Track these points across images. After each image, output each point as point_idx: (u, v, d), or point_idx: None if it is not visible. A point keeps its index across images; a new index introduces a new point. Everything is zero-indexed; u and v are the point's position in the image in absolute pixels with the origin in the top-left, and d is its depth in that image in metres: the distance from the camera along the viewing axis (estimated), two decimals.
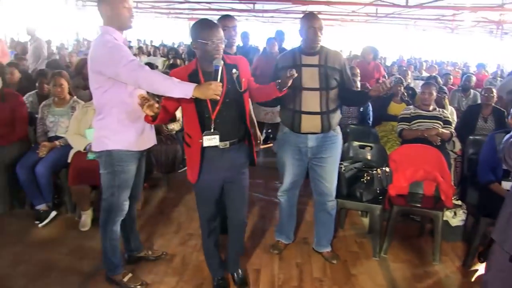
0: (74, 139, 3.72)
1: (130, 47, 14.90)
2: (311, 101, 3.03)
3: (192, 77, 2.44)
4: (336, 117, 3.16)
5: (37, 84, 4.56)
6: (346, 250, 3.57)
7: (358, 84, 5.58)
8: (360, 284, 3.11)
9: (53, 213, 3.83)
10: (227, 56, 2.54)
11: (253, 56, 6.58)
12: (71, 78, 4.27)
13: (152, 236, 3.63)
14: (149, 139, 2.79)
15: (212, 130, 2.48)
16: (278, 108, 5.59)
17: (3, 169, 3.84)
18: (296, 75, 2.51)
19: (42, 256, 3.25)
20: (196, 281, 3.02)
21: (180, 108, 2.61)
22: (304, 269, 3.26)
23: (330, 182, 3.23)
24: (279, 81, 2.57)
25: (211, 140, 2.49)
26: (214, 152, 2.55)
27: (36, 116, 4.13)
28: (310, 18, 3.03)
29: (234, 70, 2.51)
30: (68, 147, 3.81)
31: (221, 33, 2.44)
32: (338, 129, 3.22)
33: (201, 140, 2.49)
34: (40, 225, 3.71)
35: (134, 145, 2.66)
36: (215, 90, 2.30)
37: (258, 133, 3.69)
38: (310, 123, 3.06)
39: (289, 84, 2.55)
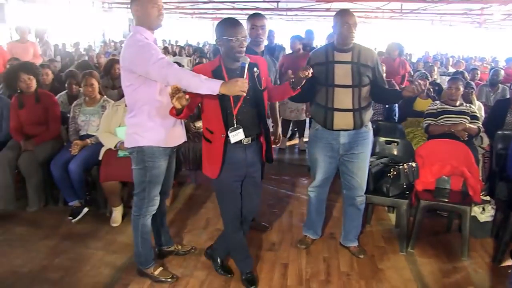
0: (105, 137, 3.83)
1: None
2: (343, 98, 3.04)
3: (216, 73, 2.52)
4: (368, 113, 3.18)
5: (66, 85, 4.70)
6: (373, 245, 3.58)
7: None
8: (387, 278, 3.12)
9: (85, 209, 3.94)
10: (248, 55, 2.60)
11: (278, 54, 6.61)
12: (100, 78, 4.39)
13: (181, 231, 3.71)
14: (179, 136, 2.85)
15: (235, 126, 2.56)
16: (303, 105, 5.64)
17: (38, 167, 3.98)
18: (310, 75, 2.56)
19: (76, 250, 3.36)
20: (225, 275, 3.07)
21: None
22: (331, 263, 3.29)
23: (361, 177, 3.24)
24: (293, 80, 2.62)
25: (237, 135, 2.57)
26: (237, 148, 2.62)
27: (68, 115, 4.27)
28: (344, 14, 3.01)
29: (255, 69, 2.58)
30: (99, 145, 3.92)
31: (245, 31, 2.55)
32: (369, 125, 3.23)
33: (223, 135, 2.56)
34: (73, 220, 3.83)
35: (165, 141, 2.72)
36: (241, 86, 2.35)
37: (280, 130, 3.71)
38: (342, 120, 3.08)
39: (302, 83, 2.61)
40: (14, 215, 3.90)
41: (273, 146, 3.67)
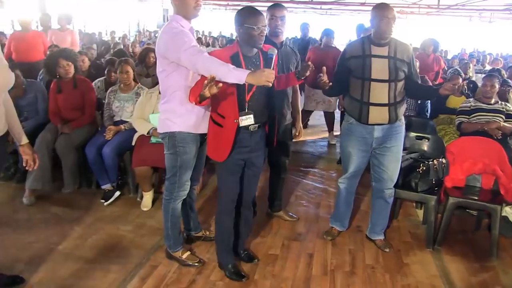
0: (138, 123, 3.93)
1: None
2: (379, 92, 3.03)
3: (234, 59, 2.56)
4: (403, 108, 3.17)
5: (106, 72, 4.83)
6: (400, 240, 3.57)
7: None
8: (412, 273, 3.11)
9: (117, 193, 4.07)
10: (268, 46, 2.64)
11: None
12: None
13: (209, 218, 3.77)
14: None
15: (246, 110, 2.61)
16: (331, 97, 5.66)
17: (73, 150, 4.12)
18: (313, 68, 2.62)
19: (108, 232, 3.48)
20: (248, 264, 3.11)
21: None
22: (356, 255, 3.31)
23: (392, 170, 3.23)
24: (299, 70, 2.68)
25: (246, 120, 2.62)
26: (244, 133, 2.67)
27: (103, 101, 4.40)
28: (384, 8, 2.97)
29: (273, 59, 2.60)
30: (132, 131, 4.03)
31: (265, 20, 2.60)
32: (402, 119, 3.21)
33: (236, 121, 2.61)
34: (105, 203, 3.96)
35: (195, 127, 2.77)
36: (267, 77, 2.38)
37: (301, 124, 3.69)
38: (378, 115, 3.07)
39: (307, 74, 2.66)
40: (50, 196, 4.06)
41: (295, 139, 3.72)
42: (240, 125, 2.63)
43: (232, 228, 2.93)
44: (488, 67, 9.93)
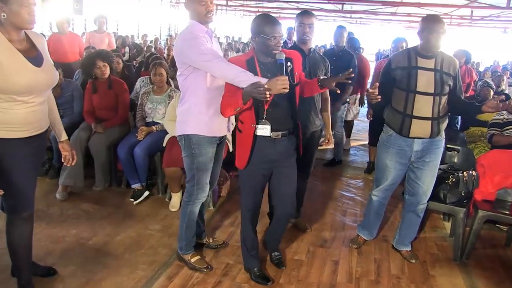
0: (169, 125, 4.00)
1: (220, 43, 15.47)
2: (424, 106, 2.97)
3: (249, 64, 2.60)
4: (445, 122, 3.11)
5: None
6: (426, 251, 3.54)
7: None
8: (438, 285, 3.08)
9: (146, 193, 4.15)
10: (283, 49, 2.63)
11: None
12: None
13: (235, 221, 3.81)
14: (225, 127, 2.92)
15: (264, 120, 2.61)
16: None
17: (105, 149, 4.23)
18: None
19: (136, 230, 3.56)
20: (274, 268, 3.14)
21: None
22: (382, 265, 3.29)
23: (428, 185, 3.19)
24: (322, 78, 2.67)
25: (263, 130, 2.62)
26: (267, 141, 2.67)
27: (136, 102, 4.50)
28: (434, 22, 2.89)
29: (288, 64, 2.60)
30: (164, 132, 4.11)
31: (281, 29, 2.59)
32: (443, 133, 3.15)
33: (253, 125, 2.63)
34: (134, 202, 4.05)
35: (209, 130, 2.79)
36: (282, 84, 2.39)
37: (330, 132, 3.64)
38: (420, 128, 3.01)
39: (327, 87, 2.67)
40: (81, 193, 4.18)
41: (325, 146, 3.71)
42: (257, 133, 2.64)
43: (253, 235, 2.95)
44: None
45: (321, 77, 2.72)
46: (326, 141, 3.61)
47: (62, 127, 2.72)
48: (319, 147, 3.74)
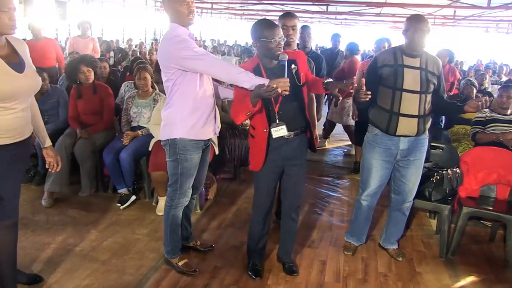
0: (155, 129, 3.99)
1: (205, 47, 15.46)
2: (411, 104, 3.00)
3: (256, 71, 2.62)
4: (430, 121, 3.16)
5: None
6: (413, 249, 3.57)
7: None
8: (425, 282, 3.11)
9: (133, 197, 4.13)
10: (287, 51, 2.68)
11: (340, 60, 6.42)
12: None
13: (222, 224, 3.83)
14: (211, 130, 2.92)
15: (277, 122, 2.65)
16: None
17: (91, 154, 4.21)
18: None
19: (124, 235, 3.54)
20: (266, 267, 3.15)
21: None
22: (369, 263, 3.32)
23: (413, 183, 3.22)
24: (327, 81, 2.72)
25: (279, 131, 2.66)
26: (279, 142, 2.72)
27: (121, 107, 4.49)
28: (419, 20, 2.94)
29: (293, 66, 2.65)
30: (149, 136, 4.10)
31: (281, 31, 2.64)
32: (427, 132, 3.20)
33: (266, 130, 2.67)
34: (121, 207, 4.03)
35: (196, 134, 2.79)
36: (283, 86, 2.43)
37: (316, 133, 3.60)
38: (406, 126, 3.04)
39: (333, 92, 2.70)
40: (67, 199, 4.14)
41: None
42: (274, 136, 2.67)
43: (260, 234, 3.00)
44: (504, 78, 9.88)
45: (326, 80, 2.75)
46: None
47: (46, 133, 2.70)
48: None
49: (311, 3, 15.12)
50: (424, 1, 12.07)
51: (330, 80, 2.85)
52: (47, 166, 2.72)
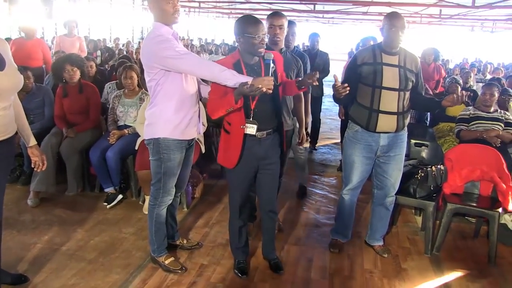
0: (141, 128, 3.94)
1: (192, 45, 15.42)
2: (390, 101, 3.05)
3: (236, 67, 2.64)
4: (408, 117, 3.22)
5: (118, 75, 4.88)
6: (398, 245, 3.61)
7: None
8: (410, 278, 3.15)
9: (120, 196, 4.12)
10: (266, 51, 2.70)
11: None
12: None
13: (209, 222, 3.83)
14: (195, 130, 2.92)
15: (251, 119, 2.68)
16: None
17: (77, 153, 4.19)
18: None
19: (110, 234, 3.53)
20: (253, 264, 3.18)
21: None
22: (355, 260, 3.35)
23: (395, 178, 3.27)
24: (300, 79, 2.75)
25: (250, 129, 2.70)
26: (253, 141, 2.74)
27: (108, 106, 4.47)
28: (392, 18, 3.00)
29: (272, 65, 2.66)
30: (136, 135, 4.09)
31: (265, 28, 2.67)
32: (406, 128, 3.26)
33: (243, 127, 2.68)
34: (108, 206, 4.02)
35: (179, 134, 2.80)
36: (267, 85, 2.46)
37: (303, 131, 3.66)
38: (386, 123, 3.09)
39: (306, 86, 2.75)
40: (54, 198, 4.12)
41: (300, 146, 3.77)
42: (245, 132, 2.70)
43: (239, 231, 3.01)
44: (489, 76, 10.00)
45: (299, 79, 2.78)
46: (299, 141, 3.66)
47: (31, 132, 2.68)
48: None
49: (298, 2, 15.19)
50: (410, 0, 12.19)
51: (299, 78, 2.89)
52: (32, 165, 2.71)
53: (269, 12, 3.52)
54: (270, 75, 2.57)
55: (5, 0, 12.21)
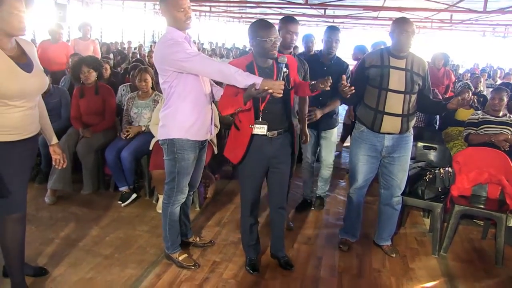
0: (155, 129, 4.08)
1: (203, 49, 15.56)
2: (395, 103, 3.14)
3: (249, 69, 2.72)
4: (414, 120, 3.31)
5: (131, 77, 5.02)
6: (406, 246, 3.67)
7: None
8: (417, 277, 3.21)
9: (134, 195, 4.23)
10: (280, 54, 2.80)
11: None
12: None
13: (221, 221, 3.92)
14: (208, 131, 3.01)
15: (260, 120, 2.76)
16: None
17: (93, 153, 4.30)
18: (328, 88, 2.75)
19: (125, 231, 3.64)
20: (263, 262, 3.26)
21: None
22: (363, 259, 3.42)
23: (401, 178, 3.35)
24: (313, 82, 2.83)
25: (260, 129, 2.78)
26: (263, 139, 2.83)
27: (123, 107, 4.59)
28: (404, 23, 3.08)
29: (285, 69, 2.72)
30: (150, 135, 4.20)
31: (277, 31, 2.75)
32: (411, 130, 3.33)
33: (251, 126, 2.78)
34: (122, 205, 4.13)
35: (193, 134, 2.88)
36: (276, 89, 2.55)
37: (306, 131, 3.77)
38: (390, 124, 3.18)
39: (319, 90, 2.81)
40: (70, 197, 4.24)
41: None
42: (253, 132, 2.79)
43: (250, 228, 3.10)
44: (499, 81, 10.01)
45: (312, 82, 2.87)
46: (302, 141, 3.77)
47: (53, 131, 2.81)
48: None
49: (308, 6, 15.25)
50: (421, 5, 12.18)
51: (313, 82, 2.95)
52: (53, 163, 2.83)
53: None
54: (281, 79, 2.64)
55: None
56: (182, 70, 2.72)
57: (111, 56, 10.55)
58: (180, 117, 2.84)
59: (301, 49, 5.62)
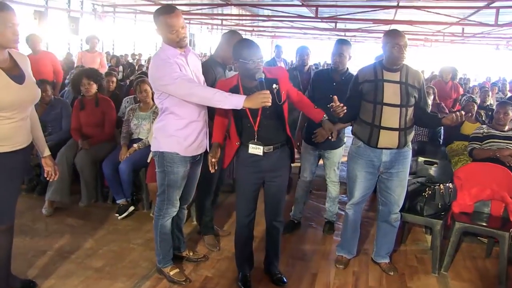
0: None
1: None
2: (391, 117, 3.07)
3: (233, 91, 2.68)
4: (412, 134, 3.23)
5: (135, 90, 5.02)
6: (405, 264, 3.58)
7: (429, 102, 5.50)
8: None
9: (131, 208, 4.21)
10: (268, 69, 2.76)
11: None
12: None
13: (217, 235, 3.86)
14: (199, 147, 2.97)
15: (255, 140, 2.75)
16: None
17: (91, 165, 4.30)
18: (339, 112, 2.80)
19: (119, 244, 3.61)
20: (257, 277, 3.19)
21: None
22: (360, 277, 3.33)
23: (399, 194, 3.27)
24: (326, 119, 2.90)
25: (255, 149, 2.78)
26: (259, 155, 2.81)
27: (123, 119, 4.59)
28: (395, 36, 3.02)
29: (274, 85, 2.65)
30: (148, 148, 4.15)
31: (261, 52, 2.67)
32: (410, 144, 3.26)
33: (237, 143, 2.81)
34: (119, 217, 4.10)
35: (182, 150, 2.86)
36: (263, 98, 2.49)
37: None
38: (387, 139, 3.11)
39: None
40: (67, 208, 4.24)
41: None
42: (249, 151, 2.78)
43: (245, 242, 3.07)
44: (509, 95, 9.86)
45: (325, 118, 2.94)
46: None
47: (45, 143, 2.80)
48: None
49: (319, 20, 15.27)
50: (432, 18, 12.12)
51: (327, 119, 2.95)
52: (45, 175, 2.82)
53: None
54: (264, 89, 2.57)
55: (35, 18, 12.70)
56: (169, 93, 2.73)
57: (121, 68, 10.66)
58: (170, 132, 2.84)
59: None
